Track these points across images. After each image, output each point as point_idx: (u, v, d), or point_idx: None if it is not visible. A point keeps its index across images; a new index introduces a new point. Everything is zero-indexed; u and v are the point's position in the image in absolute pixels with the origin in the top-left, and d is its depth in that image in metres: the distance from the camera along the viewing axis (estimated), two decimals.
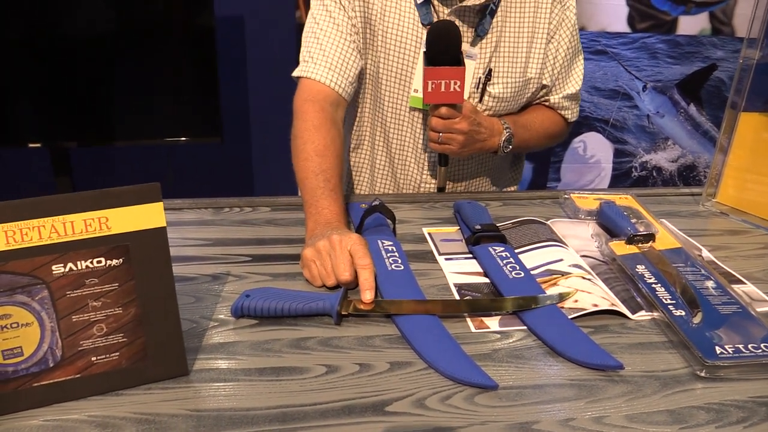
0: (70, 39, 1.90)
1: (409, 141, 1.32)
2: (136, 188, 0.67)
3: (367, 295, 0.82)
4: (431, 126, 1.19)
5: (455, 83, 1.13)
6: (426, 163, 1.33)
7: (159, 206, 0.68)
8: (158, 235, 0.68)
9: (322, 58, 1.21)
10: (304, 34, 1.26)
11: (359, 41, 1.24)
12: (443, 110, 1.16)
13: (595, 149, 2.71)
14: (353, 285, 0.86)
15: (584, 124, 2.63)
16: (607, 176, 2.76)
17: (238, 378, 0.70)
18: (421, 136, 1.31)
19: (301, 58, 1.24)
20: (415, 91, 1.27)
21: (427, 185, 1.35)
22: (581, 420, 0.67)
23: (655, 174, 2.81)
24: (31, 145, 1.99)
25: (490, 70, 1.28)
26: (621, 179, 2.78)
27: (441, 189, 1.32)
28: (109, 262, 0.67)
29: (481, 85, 1.28)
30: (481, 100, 1.29)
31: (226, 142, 2.13)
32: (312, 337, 0.78)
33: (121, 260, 0.67)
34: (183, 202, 1.14)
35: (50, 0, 1.83)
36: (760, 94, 1.19)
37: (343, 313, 0.80)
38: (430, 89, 1.13)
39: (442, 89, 1.13)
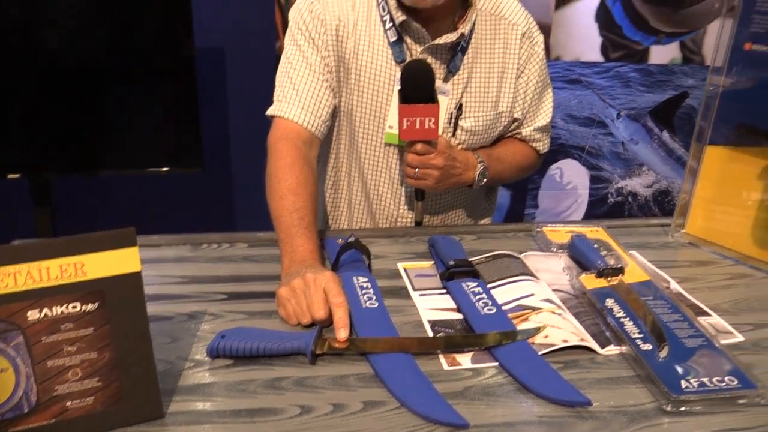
0: (50, 69, 1.90)
1: (384, 176, 1.34)
2: (112, 233, 0.69)
3: (342, 333, 0.83)
4: (407, 162, 1.21)
5: (430, 120, 1.16)
6: (402, 198, 1.35)
7: (134, 251, 0.69)
8: (133, 280, 0.70)
9: (295, 98, 1.23)
10: (278, 74, 1.28)
11: (332, 79, 1.27)
12: (419, 146, 1.19)
13: (572, 176, 2.75)
14: (328, 323, 0.87)
15: (560, 151, 2.68)
16: (583, 202, 2.81)
17: (212, 420, 0.71)
18: (397, 171, 1.33)
19: (275, 98, 1.27)
20: (390, 127, 1.29)
21: (404, 219, 1.37)
22: None
23: (630, 199, 2.86)
24: (10, 176, 1.98)
25: (462, 105, 1.30)
26: (597, 205, 2.82)
27: (418, 223, 1.34)
28: (84, 307, 0.68)
29: (453, 120, 1.31)
30: (454, 135, 1.32)
31: (206, 172, 2.14)
32: (287, 377, 0.79)
33: (96, 305, 0.68)
34: (161, 239, 1.14)
35: (30, 29, 1.84)
36: (726, 122, 1.22)
37: (317, 352, 0.81)
38: (405, 126, 1.16)
39: (417, 126, 1.16)
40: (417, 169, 1.21)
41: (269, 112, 1.26)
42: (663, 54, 2.67)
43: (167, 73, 2.02)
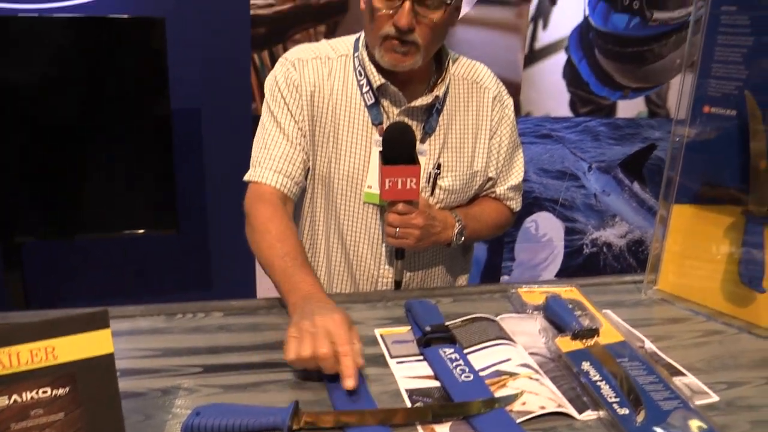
0: (23, 130, 1.89)
1: (363, 236, 1.35)
2: (84, 315, 0.68)
3: (348, 383, 0.84)
4: (388, 222, 1.23)
5: (411, 180, 1.19)
6: (382, 257, 1.36)
7: (107, 333, 0.69)
8: (105, 362, 0.69)
9: (269, 162, 1.28)
10: (254, 141, 1.33)
11: (306, 144, 1.31)
12: (400, 206, 1.22)
13: (547, 228, 2.79)
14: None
15: (535, 204, 2.73)
16: (559, 254, 2.84)
17: None
18: (376, 231, 1.34)
19: (250, 164, 1.31)
20: (369, 186, 1.32)
21: (384, 279, 1.37)
22: None
23: (605, 250, 2.91)
24: None
25: (440, 165, 1.34)
26: (573, 256, 2.86)
27: (398, 282, 1.35)
28: (55, 391, 0.67)
29: (431, 179, 1.34)
30: (432, 193, 1.35)
31: (182, 234, 2.13)
32: None
33: (67, 389, 0.67)
34: (135, 309, 1.13)
35: (4, 89, 1.83)
36: (692, 176, 1.25)
37: (294, 427, 0.80)
38: (387, 187, 1.19)
39: (399, 186, 1.20)
40: (398, 229, 1.23)
41: (245, 178, 1.30)
42: (629, 108, 2.77)
43: (143, 134, 2.02)
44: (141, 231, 2.09)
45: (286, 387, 0.91)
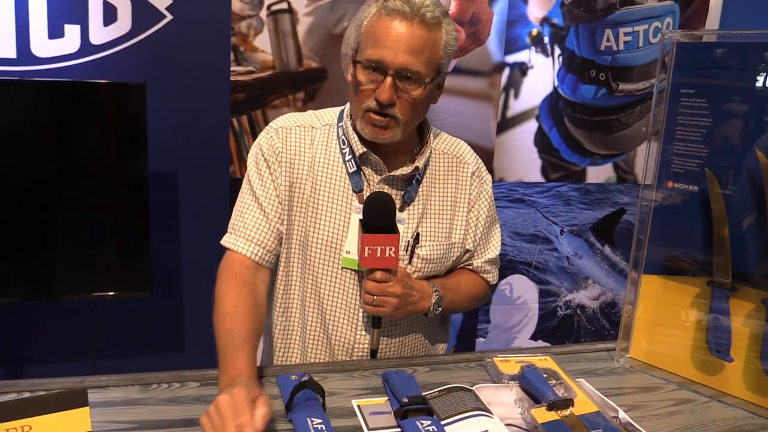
0: None
1: (341, 301, 1.36)
2: (63, 394, 0.68)
3: None
4: (366, 289, 1.24)
5: (390, 249, 1.21)
6: (359, 323, 1.37)
7: (85, 411, 0.69)
8: None
9: (243, 230, 1.32)
10: (234, 206, 1.37)
11: (283, 211, 1.34)
12: (378, 274, 1.23)
13: (521, 291, 2.82)
14: None
15: (509, 267, 2.76)
16: (534, 316, 2.87)
17: None
18: (354, 297, 1.35)
19: (228, 228, 1.35)
20: (347, 252, 1.33)
21: (361, 345, 1.37)
22: None
23: (579, 312, 2.94)
24: None
25: (418, 234, 1.36)
26: (548, 318, 2.88)
27: (374, 351, 1.35)
28: None
29: (410, 248, 1.36)
30: (410, 262, 1.36)
31: (156, 296, 2.11)
32: None
33: None
34: (109, 379, 1.11)
35: None
36: (658, 254, 1.30)
37: None
38: (366, 254, 1.21)
39: (378, 255, 1.21)
40: (375, 297, 1.24)
41: (222, 242, 1.34)
42: (599, 174, 2.85)
43: (119, 195, 2.01)
44: (113, 293, 2.06)
45: None
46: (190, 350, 2.39)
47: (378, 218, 1.23)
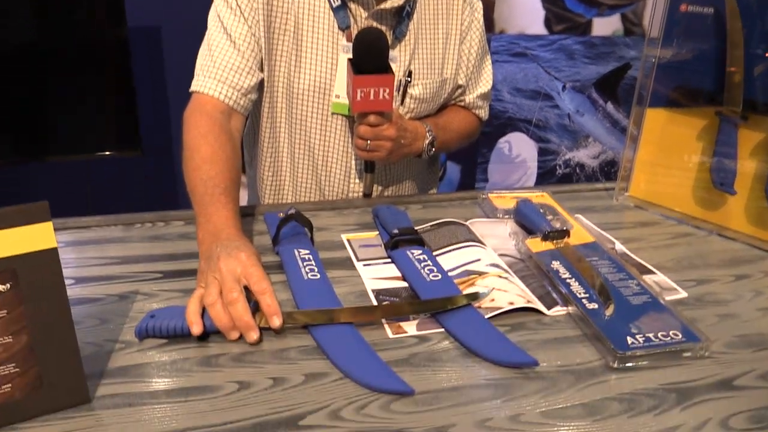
0: None
1: (332, 148, 1.30)
2: (23, 208, 0.63)
3: (275, 321, 0.77)
4: (359, 134, 1.17)
5: (384, 91, 1.12)
6: (352, 170, 1.31)
7: (48, 226, 0.64)
8: (49, 257, 0.64)
9: (213, 71, 1.17)
10: (199, 51, 1.22)
11: (259, 51, 1.21)
12: (372, 118, 1.15)
13: (520, 149, 2.76)
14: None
15: (508, 124, 2.69)
16: (532, 174, 2.83)
17: (144, 401, 0.67)
18: (346, 143, 1.29)
19: (195, 73, 1.20)
20: (337, 96, 1.25)
21: (354, 193, 1.33)
22: (497, 419, 0.67)
23: (578, 171, 2.90)
24: None
25: (411, 72, 1.28)
26: (546, 177, 2.85)
27: (368, 195, 1.31)
28: None
29: (402, 88, 1.28)
30: (402, 103, 1.29)
31: (146, 156, 2.07)
32: (223, 353, 0.75)
33: (8, 285, 0.63)
34: (91, 220, 1.08)
35: None
36: (663, 89, 1.23)
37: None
38: (359, 98, 1.11)
39: (371, 98, 1.12)
40: (369, 141, 1.17)
41: (191, 88, 1.20)
42: (605, 26, 2.70)
43: (101, 57, 1.97)
44: (103, 153, 2.05)
45: None
46: (182, 205, 2.38)
47: (370, 57, 1.12)
